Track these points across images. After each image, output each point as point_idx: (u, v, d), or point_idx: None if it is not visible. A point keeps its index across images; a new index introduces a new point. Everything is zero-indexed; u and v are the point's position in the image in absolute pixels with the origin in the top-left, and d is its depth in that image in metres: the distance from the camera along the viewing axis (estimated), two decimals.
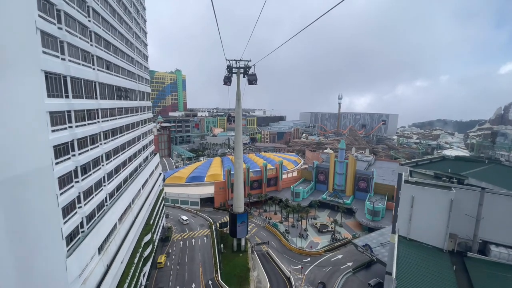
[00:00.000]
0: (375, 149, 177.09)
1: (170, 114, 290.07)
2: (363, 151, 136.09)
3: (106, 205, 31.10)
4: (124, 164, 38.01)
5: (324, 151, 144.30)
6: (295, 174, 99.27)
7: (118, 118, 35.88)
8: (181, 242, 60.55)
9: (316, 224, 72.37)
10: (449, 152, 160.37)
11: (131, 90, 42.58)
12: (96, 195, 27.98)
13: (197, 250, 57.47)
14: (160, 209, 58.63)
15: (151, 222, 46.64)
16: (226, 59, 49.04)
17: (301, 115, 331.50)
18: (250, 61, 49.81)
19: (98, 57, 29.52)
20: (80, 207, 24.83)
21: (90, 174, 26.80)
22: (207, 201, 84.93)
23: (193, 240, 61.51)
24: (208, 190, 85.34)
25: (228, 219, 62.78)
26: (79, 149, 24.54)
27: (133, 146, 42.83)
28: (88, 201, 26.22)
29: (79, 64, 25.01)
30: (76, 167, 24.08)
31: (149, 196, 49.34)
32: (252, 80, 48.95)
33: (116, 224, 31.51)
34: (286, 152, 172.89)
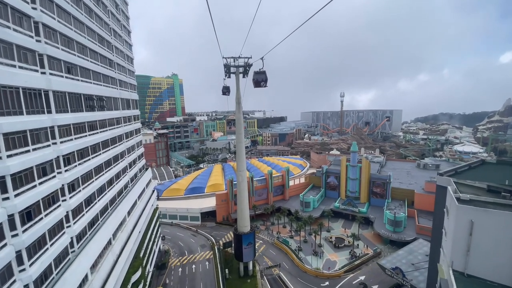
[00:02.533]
0: (382, 147, 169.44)
1: (168, 119, 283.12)
2: (372, 151, 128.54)
3: (73, 251, 23.68)
4: (101, 190, 30.65)
5: (331, 152, 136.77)
6: (302, 180, 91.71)
7: (89, 135, 28.52)
8: (180, 269, 53.00)
9: (331, 238, 64.81)
10: (461, 148, 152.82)
11: (109, 98, 35.25)
12: (52, 244, 20.56)
13: (199, 278, 49.98)
14: (155, 232, 51.21)
15: (141, 254, 39.19)
16: (223, 57, 41.70)
17: (302, 115, 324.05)
18: (251, 57, 42.46)
19: (51, 57, 22.17)
20: (23, 270, 17.41)
21: (41, 219, 19.39)
22: (208, 215, 77.48)
23: (193, 266, 53.95)
24: (209, 203, 77.88)
25: (233, 238, 55.25)
26: (16, 188, 17.14)
27: (114, 166, 35.46)
28: (37, 258, 18.80)
29: (13, 66, 17.66)
30: (12, 215, 16.68)
31: (139, 222, 41.93)
32: (261, 80, 36.02)
33: (87, 275, 24.06)
34: (290, 155, 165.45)
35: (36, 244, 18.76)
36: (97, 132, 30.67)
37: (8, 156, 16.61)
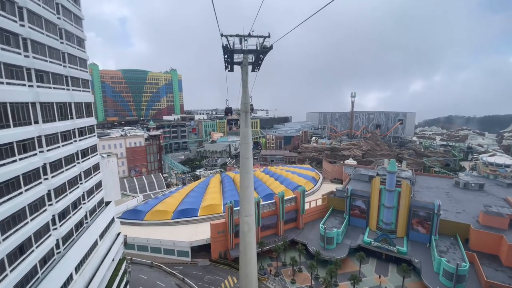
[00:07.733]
0: (400, 155, 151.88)
1: (165, 117, 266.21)
2: (398, 164, 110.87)
3: None
4: None
5: (346, 161, 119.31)
6: (319, 202, 74.45)
7: None
8: None
9: None
10: (492, 159, 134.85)
11: None
12: None
13: None
14: None
15: None
16: (222, 35, 24.29)
17: (308, 115, 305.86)
18: (269, 37, 25.07)
19: None
20: None
21: None
22: (201, 250, 60.36)
23: None
24: (203, 233, 60.81)
25: None
26: None
27: (15, 232, 18.34)
28: None
29: None
30: None
31: None
32: None
33: None
34: (298, 162, 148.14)
35: None
36: None
37: None
